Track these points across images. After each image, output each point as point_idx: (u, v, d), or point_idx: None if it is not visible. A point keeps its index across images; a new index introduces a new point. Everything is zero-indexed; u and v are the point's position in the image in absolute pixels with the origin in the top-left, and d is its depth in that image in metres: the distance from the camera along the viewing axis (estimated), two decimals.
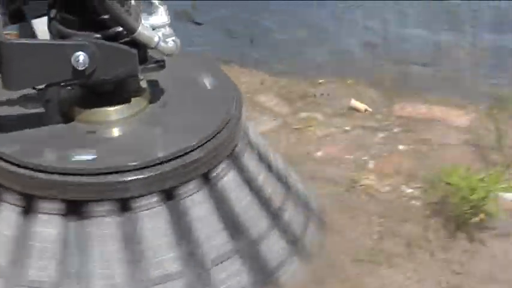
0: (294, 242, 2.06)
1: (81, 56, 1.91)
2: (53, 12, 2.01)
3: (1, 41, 1.91)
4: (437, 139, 2.58)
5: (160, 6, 1.98)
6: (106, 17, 1.94)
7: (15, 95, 2.06)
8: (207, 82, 2.15)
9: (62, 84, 1.97)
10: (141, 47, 1.95)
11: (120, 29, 1.94)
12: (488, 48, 2.63)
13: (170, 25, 1.98)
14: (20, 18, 2.08)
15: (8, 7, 2.06)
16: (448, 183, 2.22)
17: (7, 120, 2.06)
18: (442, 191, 2.24)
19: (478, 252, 2.11)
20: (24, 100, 2.09)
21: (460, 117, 2.68)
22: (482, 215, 2.16)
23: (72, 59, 1.91)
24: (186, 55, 2.08)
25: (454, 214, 2.17)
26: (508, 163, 2.38)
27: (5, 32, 1.96)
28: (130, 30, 1.93)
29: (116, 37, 1.95)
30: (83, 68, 1.91)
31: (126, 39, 1.95)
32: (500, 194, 2.22)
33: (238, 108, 2.06)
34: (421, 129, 2.64)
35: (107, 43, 1.94)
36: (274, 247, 2.01)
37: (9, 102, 2.08)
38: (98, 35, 1.94)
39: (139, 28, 1.92)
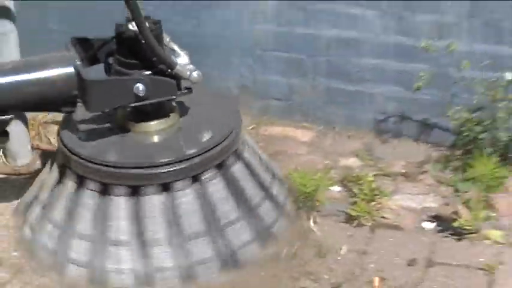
0: (280, 208, 2.88)
1: (140, 86, 2.66)
2: (111, 59, 2.79)
3: (86, 79, 2.64)
4: (290, 150, 3.30)
5: (181, 51, 2.77)
6: (154, 59, 2.69)
7: (89, 115, 2.81)
8: (221, 108, 2.94)
9: (125, 106, 2.72)
10: (177, 79, 2.73)
11: (163, 66, 2.70)
12: (323, 89, 3.35)
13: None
14: (94, 61, 2.81)
15: (86, 54, 2.78)
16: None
17: (85, 132, 2.81)
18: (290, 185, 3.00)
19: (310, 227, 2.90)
20: (95, 118, 2.83)
21: (304, 135, 3.41)
22: (315, 202, 2.94)
23: (134, 88, 2.66)
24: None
25: (296, 200, 2.95)
26: (331, 166, 3.17)
27: None
28: (171, 67, 2.69)
29: (160, 73, 2.72)
30: (142, 94, 2.67)
31: (168, 73, 2.70)
32: (328, 187, 3.03)
33: (239, 123, 2.86)
34: (278, 143, 3.35)
35: (156, 77, 2.70)
36: (267, 211, 2.82)
37: (86, 121, 2.84)
38: (149, 72, 2.71)
39: (178, 65, 2.71)
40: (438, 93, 3.15)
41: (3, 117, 2.71)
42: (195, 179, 2.71)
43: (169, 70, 2.72)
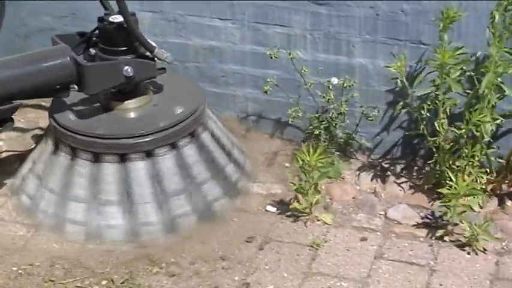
0: (242, 168, 3.39)
1: (128, 68, 3.09)
2: (93, 50, 3.18)
3: (83, 65, 3.04)
4: None
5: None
6: (136, 44, 3.11)
7: (79, 98, 3.22)
8: (184, 86, 3.39)
9: (114, 87, 3.12)
10: (154, 60, 3.17)
11: (143, 50, 3.12)
12: None
13: None
14: (77, 52, 3.19)
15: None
16: None
17: (76, 111, 3.20)
18: None
19: None
20: (84, 99, 3.23)
21: None
22: None
23: (124, 71, 3.08)
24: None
25: None
26: None
27: None
28: (152, 50, 3.14)
29: (142, 56, 3.15)
30: (130, 75, 3.08)
31: (147, 56, 3.13)
32: None
33: (204, 101, 3.31)
34: None
35: (140, 59, 3.14)
36: (231, 171, 3.31)
37: (77, 103, 3.24)
38: (133, 56, 3.13)
39: (156, 49, 3.14)
40: (288, 95, 3.55)
41: (10, 105, 3.06)
42: (173, 146, 3.16)
43: (148, 53, 3.15)
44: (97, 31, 3.25)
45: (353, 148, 3.55)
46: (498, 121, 3.16)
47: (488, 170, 3.26)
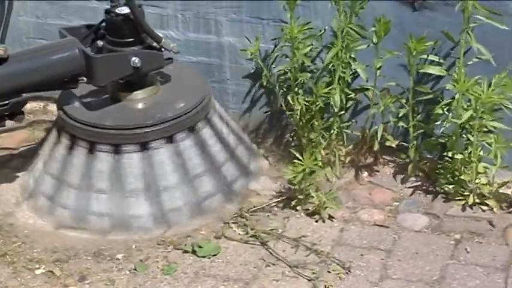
0: (244, 168, 3.34)
1: (136, 59, 3.10)
2: (100, 42, 3.20)
3: (93, 56, 3.08)
4: None
5: None
6: (143, 35, 3.14)
7: (87, 90, 3.24)
8: (192, 78, 3.37)
9: (122, 78, 3.12)
10: (162, 51, 3.19)
11: (150, 41, 3.14)
12: None
13: None
14: (85, 45, 3.20)
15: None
16: None
17: (86, 103, 3.23)
18: None
19: None
20: (92, 91, 3.25)
21: None
22: None
23: (131, 62, 3.10)
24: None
25: None
26: None
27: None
28: (159, 40, 3.16)
29: (149, 47, 3.18)
30: (138, 66, 3.10)
31: (154, 47, 3.15)
32: None
33: (209, 92, 3.30)
34: None
35: (147, 50, 3.17)
36: (230, 170, 3.27)
37: (85, 95, 3.26)
38: (140, 47, 3.16)
39: (163, 39, 3.18)
40: None
41: (19, 99, 3.11)
42: (170, 139, 3.15)
43: (155, 44, 3.17)
44: (104, 23, 3.26)
45: None
46: (351, 95, 3.30)
47: (344, 143, 3.40)
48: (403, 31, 3.20)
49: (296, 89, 3.33)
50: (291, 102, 3.33)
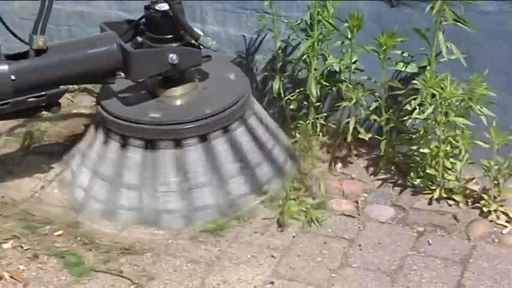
0: (279, 169, 3.28)
1: (173, 56, 3.10)
2: (140, 38, 3.19)
3: (130, 51, 3.07)
4: None
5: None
6: (182, 32, 3.12)
7: (125, 85, 3.24)
8: (230, 74, 3.34)
9: (160, 74, 3.13)
10: (200, 48, 3.17)
11: (189, 38, 3.12)
12: None
13: None
14: (125, 40, 3.19)
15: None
16: None
17: (123, 98, 3.23)
18: None
19: None
20: (131, 87, 3.25)
21: None
22: None
23: (169, 58, 3.09)
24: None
25: None
26: None
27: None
28: (197, 37, 3.13)
29: (187, 44, 3.16)
30: (175, 63, 3.10)
31: (193, 44, 3.13)
32: None
33: (248, 90, 3.26)
34: None
35: (185, 47, 3.15)
36: (264, 171, 3.22)
37: (124, 90, 3.26)
38: (179, 43, 3.15)
39: (201, 36, 3.15)
40: None
41: (57, 90, 3.10)
42: (203, 137, 3.13)
43: (193, 41, 3.14)
44: (143, 19, 3.26)
45: None
46: (328, 87, 3.38)
47: (320, 134, 3.47)
48: (381, 27, 3.26)
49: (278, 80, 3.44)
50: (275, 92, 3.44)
